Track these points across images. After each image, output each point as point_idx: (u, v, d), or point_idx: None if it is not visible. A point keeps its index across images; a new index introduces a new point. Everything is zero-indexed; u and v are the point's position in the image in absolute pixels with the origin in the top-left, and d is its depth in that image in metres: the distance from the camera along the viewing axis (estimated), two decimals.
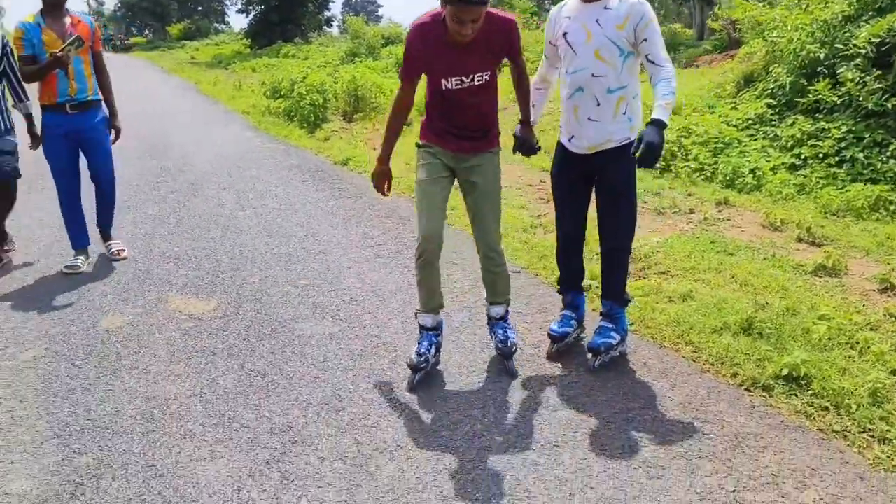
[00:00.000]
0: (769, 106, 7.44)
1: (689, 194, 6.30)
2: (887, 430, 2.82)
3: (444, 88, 3.05)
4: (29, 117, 4.70)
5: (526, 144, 3.35)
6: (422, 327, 3.32)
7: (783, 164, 6.59)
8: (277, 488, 2.52)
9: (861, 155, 6.20)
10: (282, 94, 12.82)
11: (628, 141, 3.19)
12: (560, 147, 3.37)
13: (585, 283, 3.77)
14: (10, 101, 4.71)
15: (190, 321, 3.92)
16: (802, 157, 6.55)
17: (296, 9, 31.26)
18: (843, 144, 6.41)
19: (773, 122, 7.25)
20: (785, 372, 3.21)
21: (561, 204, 3.49)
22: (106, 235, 5.04)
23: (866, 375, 3.14)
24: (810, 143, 6.61)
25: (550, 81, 3.48)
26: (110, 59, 26.88)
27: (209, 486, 2.54)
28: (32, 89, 4.61)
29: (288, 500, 2.46)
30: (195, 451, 2.73)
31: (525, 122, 3.36)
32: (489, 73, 3.07)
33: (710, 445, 2.79)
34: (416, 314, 3.36)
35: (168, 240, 5.36)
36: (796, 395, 3.11)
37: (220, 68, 24.05)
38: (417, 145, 3.23)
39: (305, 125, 11.19)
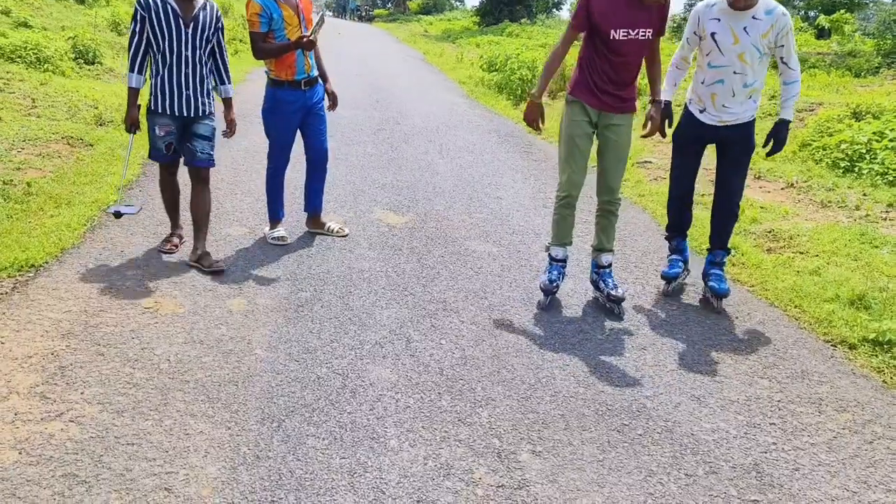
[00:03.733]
0: None
1: (865, 195, 6.39)
2: None
3: (611, 38, 3.58)
4: (228, 101, 4.33)
5: (654, 125, 3.87)
6: (553, 258, 3.97)
7: None
8: (429, 331, 3.53)
9: None
10: (496, 68, 13.89)
11: (752, 119, 3.83)
12: (688, 115, 3.96)
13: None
14: (213, 83, 4.28)
15: (386, 227, 5.07)
16: None
17: None
18: None
19: None
20: (872, 336, 3.64)
21: (680, 166, 4.09)
22: (320, 221, 4.86)
23: None
24: None
25: (689, 63, 4.05)
26: (356, 27, 29.50)
27: (382, 320, 3.62)
28: (249, 81, 5.24)
29: (434, 338, 3.46)
30: (376, 301, 3.83)
31: (655, 102, 3.88)
32: (651, 31, 3.63)
33: (776, 371, 3.36)
34: (547, 247, 4.03)
35: (379, 172, 6.59)
36: (876, 356, 3.54)
37: (448, 42, 25.79)
38: (567, 100, 3.87)
39: (512, 98, 12.16)
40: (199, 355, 3.19)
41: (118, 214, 4.26)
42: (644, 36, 3.63)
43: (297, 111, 4.45)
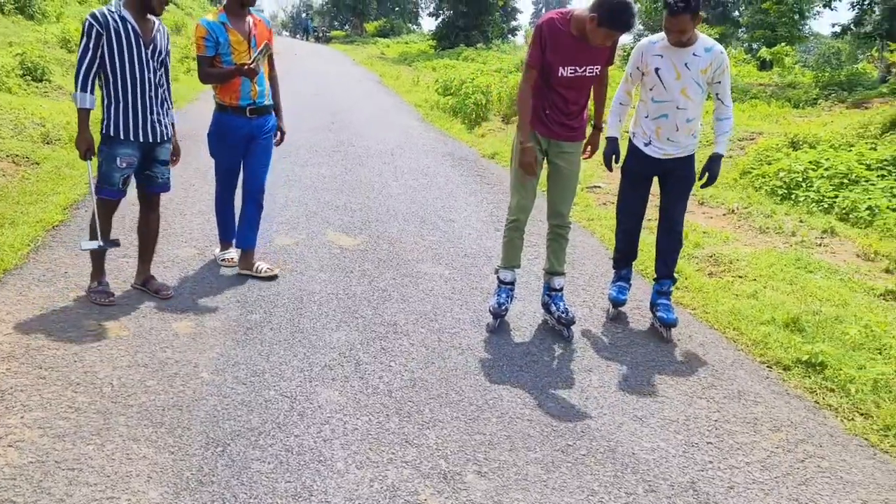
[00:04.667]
0: None
1: (801, 221, 6.66)
2: (873, 409, 3.36)
3: (559, 75, 3.71)
4: (172, 127, 4.10)
5: (593, 150, 4.05)
6: (501, 281, 4.05)
7: None
8: (378, 353, 3.56)
9: None
10: (451, 91, 14.06)
11: (693, 152, 4.03)
12: (634, 149, 4.07)
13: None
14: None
15: (338, 249, 5.09)
16: None
17: (483, 17, 32.84)
18: None
19: None
20: (805, 358, 3.79)
21: (628, 200, 4.19)
22: (250, 261, 4.51)
23: (876, 370, 3.65)
24: None
25: (632, 97, 4.15)
26: (313, 48, 29.35)
27: (332, 343, 3.64)
28: (200, 99, 5.12)
29: (383, 361, 3.49)
30: (327, 323, 3.85)
31: (597, 129, 4.03)
32: (599, 68, 3.77)
33: (714, 392, 3.47)
34: (496, 270, 4.13)
35: (333, 194, 6.61)
36: (809, 377, 3.69)
37: (405, 64, 25.97)
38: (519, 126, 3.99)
39: (467, 121, 12.32)
40: (143, 379, 3.15)
41: (103, 249, 3.90)
42: (592, 73, 3.75)
43: (241, 138, 4.33)
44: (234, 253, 4.60)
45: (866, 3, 16.95)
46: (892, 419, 3.24)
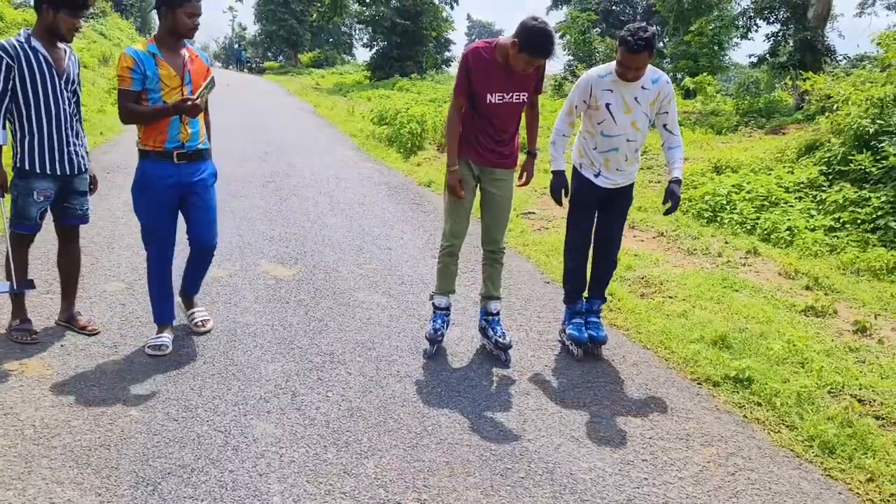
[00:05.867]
0: (822, 173, 7.95)
1: (726, 242, 6.93)
2: (798, 421, 3.49)
3: (487, 102, 3.79)
4: (87, 156, 3.94)
5: (529, 176, 4.07)
6: (437, 307, 4.09)
7: (822, 226, 7.10)
8: (315, 384, 3.51)
9: (895, 224, 6.66)
10: (387, 121, 14.14)
11: (635, 179, 4.15)
12: (584, 180, 4.08)
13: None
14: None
15: (273, 280, 5.02)
16: (841, 221, 7.05)
17: (417, 47, 33.27)
18: (879, 213, 6.87)
19: (823, 188, 7.75)
20: (733, 373, 3.92)
21: (577, 232, 4.19)
22: (190, 302, 4.19)
23: (799, 383, 3.80)
24: (850, 209, 7.10)
25: (572, 131, 4.18)
26: (246, 78, 29.02)
27: (267, 375, 3.57)
28: (131, 130, 4.79)
29: (320, 391, 3.44)
30: (262, 355, 3.78)
31: (531, 154, 4.10)
32: (526, 94, 3.86)
33: (645, 410, 3.55)
34: (431, 296, 4.16)
35: (267, 224, 6.54)
36: (738, 392, 3.81)
37: (340, 95, 26.01)
38: None
39: (402, 151, 12.40)
40: (68, 419, 3.03)
41: (18, 292, 3.75)
42: (519, 99, 3.83)
43: (168, 189, 3.69)
44: (165, 339, 3.84)
45: (779, 35, 17.94)
46: (815, 430, 3.38)
